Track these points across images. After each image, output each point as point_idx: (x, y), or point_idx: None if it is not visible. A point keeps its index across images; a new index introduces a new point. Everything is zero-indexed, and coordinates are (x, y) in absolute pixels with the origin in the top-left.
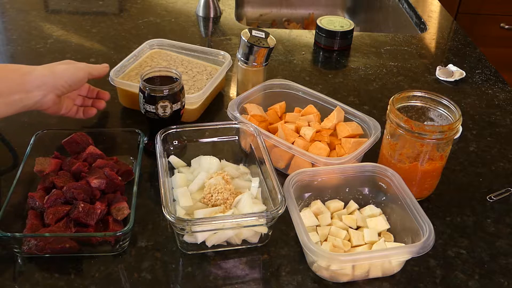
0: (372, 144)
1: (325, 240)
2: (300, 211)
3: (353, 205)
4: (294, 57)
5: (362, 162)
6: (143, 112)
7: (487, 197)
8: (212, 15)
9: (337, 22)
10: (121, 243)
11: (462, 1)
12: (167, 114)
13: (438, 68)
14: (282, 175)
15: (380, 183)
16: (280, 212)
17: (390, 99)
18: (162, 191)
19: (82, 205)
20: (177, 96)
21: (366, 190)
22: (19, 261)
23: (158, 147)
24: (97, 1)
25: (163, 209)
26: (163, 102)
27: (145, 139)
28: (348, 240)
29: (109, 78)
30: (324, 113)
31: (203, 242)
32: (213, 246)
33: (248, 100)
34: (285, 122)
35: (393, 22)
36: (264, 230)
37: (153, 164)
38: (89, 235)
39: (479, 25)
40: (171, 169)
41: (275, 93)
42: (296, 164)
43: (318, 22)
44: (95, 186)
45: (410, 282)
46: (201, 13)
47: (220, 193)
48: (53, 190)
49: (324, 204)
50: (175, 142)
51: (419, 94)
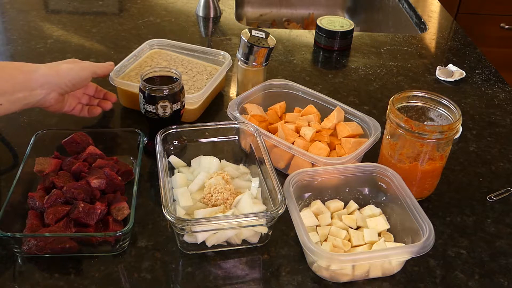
0: (372, 144)
1: (325, 240)
2: (300, 211)
3: (353, 205)
4: (294, 57)
5: (362, 162)
6: (143, 112)
7: (487, 197)
8: (212, 15)
9: (337, 22)
10: (121, 243)
11: (462, 1)
12: (167, 114)
13: (438, 68)
14: (282, 175)
15: (380, 183)
16: (280, 212)
17: (390, 99)
18: (162, 191)
19: (82, 205)
20: (177, 96)
21: (366, 190)
22: (19, 261)
23: (158, 147)
24: (97, 1)
25: (163, 209)
26: (163, 102)
27: (145, 139)
28: (348, 240)
29: (109, 78)
30: (324, 113)
31: (203, 242)
32: (213, 246)
33: (248, 100)
34: (285, 122)
35: (393, 22)
36: (264, 230)
37: (153, 164)
38: (89, 235)
39: (479, 25)
40: (171, 169)
41: (275, 93)
42: (296, 164)
43: (318, 22)
44: (95, 186)
45: (410, 282)
46: (201, 13)
47: (220, 193)
48: (53, 190)
49: (324, 204)
50: (175, 142)
51: (419, 94)
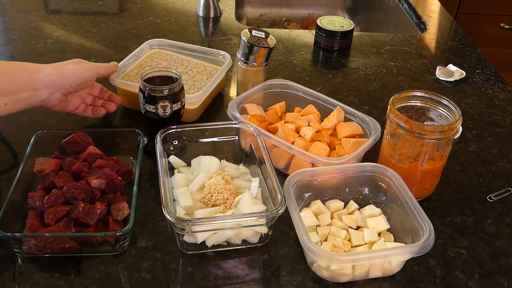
0: (372, 144)
1: (325, 240)
2: (300, 211)
3: (353, 205)
4: (294, 57)
5: (362, 162)
6: (143, 112)
7: (487, 197)
8: (212, 15)
9: (337, 22)
10: (121, 243)
11: (462, 1)
12: (167, 114)
13: (438, 68)
14: (282, 175)
15: (380, 183)
16: (280, 212)
17: (390, 99)
18: (162, 191)
19: (82, 205)
20: (177, 96)
21: (366, 190)
22: (19, 261)
23: (158, 147)
24: (97, 1)
25: (163, 209)
26: (163, 102)
27: (145, 139)
28: (348, 240)
29: (109, 78)
30: (324, 113)
31: (203, 242)
32: (213, 246)
33: (248, 100)
34: (285, 122)
35: (393, 22)
36: (264, 230)
37: (153, 164)
38: (89, 235)
39: (479, 25)
40: (171, 169)
41: (275, 93)
42: (296, 164)
43: (318, 22)
44: (95, 186)
45: (410, 282)
46: (201, 13)
47: (220, 193)
48: (53, 190)
49: (324, 204)
50: (175, 142)
51: (419, 94)
